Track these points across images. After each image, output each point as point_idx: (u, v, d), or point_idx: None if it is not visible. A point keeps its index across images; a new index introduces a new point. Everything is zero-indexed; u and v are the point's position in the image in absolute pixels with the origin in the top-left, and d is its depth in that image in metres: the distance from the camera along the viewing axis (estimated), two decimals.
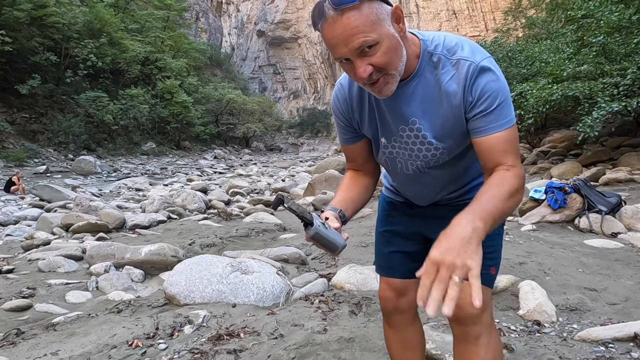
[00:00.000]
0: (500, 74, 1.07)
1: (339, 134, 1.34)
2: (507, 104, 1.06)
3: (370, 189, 1.34)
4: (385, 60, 0.99)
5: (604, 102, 7.48)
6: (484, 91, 1.04)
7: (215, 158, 32.40)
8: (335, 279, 3.01)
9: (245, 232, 5.13)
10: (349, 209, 1.23)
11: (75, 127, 24.20)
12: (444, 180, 1.27)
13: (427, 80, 1.10)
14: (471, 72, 1.05)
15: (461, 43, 1.09)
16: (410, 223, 1.40)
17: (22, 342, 2.28)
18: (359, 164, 1.34)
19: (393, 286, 1.42)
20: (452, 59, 1.07)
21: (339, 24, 0.95)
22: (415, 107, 1.12)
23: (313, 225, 1.07)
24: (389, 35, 0.98)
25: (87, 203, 7.16)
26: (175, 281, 2.80)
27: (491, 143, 1.07)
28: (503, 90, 1.06)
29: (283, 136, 61.45)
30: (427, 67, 1.09)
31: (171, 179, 16.84)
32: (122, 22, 31.78)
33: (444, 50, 1.08)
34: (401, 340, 1.45)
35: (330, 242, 1.10)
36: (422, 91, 1.11)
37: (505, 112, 1.06)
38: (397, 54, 1.01)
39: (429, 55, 1.09)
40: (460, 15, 62.38)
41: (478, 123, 1.07)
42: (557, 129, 12.84)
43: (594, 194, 4.37)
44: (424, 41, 1.10)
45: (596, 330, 2.13)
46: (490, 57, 1.08)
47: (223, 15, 79.50)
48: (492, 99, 1.04)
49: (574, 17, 10.23)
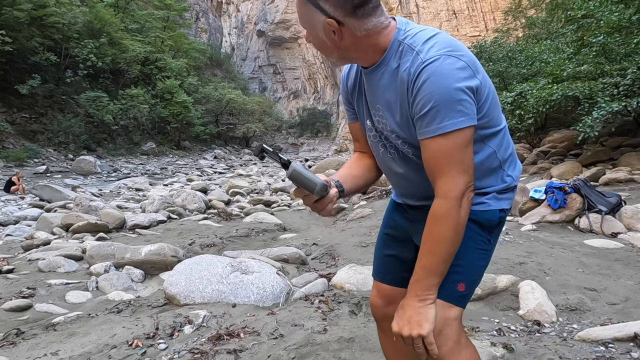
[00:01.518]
0: (449, 72, 0.97)
1: (345, 111, 1.36)
2: (446, 107, 0.97)
3: (374, 170, 1.34)
4: (314, 45, 1.11)
5: (604, 102, 7.48)
6: (421, 90, 0.99)
7: (215, 158, 32.39)
8: (335, 279, 3.01)
9: (245, 232, 5.13)
10: (347, 182, 1.23)
11: (75, 127, 24.20)
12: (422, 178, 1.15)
13: (390, 69, 1.09)
14: (416, 67, 1.00)
15: (431, 37, 1.03)
16: (406, 227, 1.36)
17: (22, 342, 2.28)
18: (364, 144, 1.34)
19: (382, 293, 1.40)
20: (413, 49, 1.03)
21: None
22: (379, 95, 1.14)
23: (290, 164, 1.09)
24: (317, 37, 1.09)
25: (87, 203, 7.16)
26: (175, 281, 2.80)
27: (424, 150, 1.04)
28: (442, 92, 0.97)
29: (283, 136, 61.40)
30: (393, 56, 1.08)
31: (171, 179, 16.84)
32: (122, 22, 31.76)
33: (411, 40, 1.05)
34: (394, 347, 1.43)
35: (308, 180, 1.10)
36: (386, 79, 1.10)
37: (440, 116, 0.98)
38: (323, 50, 1.12)
39: (397, 44, 1.07)
40: (460, 15, 62.36)
41: (416, 124, 1.05)
42: (557, 129, 12.83)
43: (594, 194, 4.37)
44: (399, 30, 1.08)
45: (596, 330, 2.13)
46: (450, 53, 0.99)
47: (223, 15, 79.48)
48: (425, 100, 0.99)
49: (574, 17, 10.24)
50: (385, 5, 24.22)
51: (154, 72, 33.41)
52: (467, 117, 1.00)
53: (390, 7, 64.90)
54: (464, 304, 1.15)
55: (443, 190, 1.03)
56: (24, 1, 21.96)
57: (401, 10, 64.33)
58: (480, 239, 1.17)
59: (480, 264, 1.19)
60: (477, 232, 1.16)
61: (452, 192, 1.02)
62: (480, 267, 1.19)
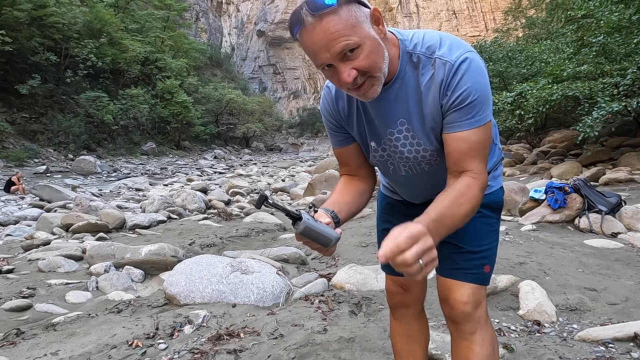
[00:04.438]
0: (478, 69, 1.04)
1: (330, 136, 1.31)
2: (482, 102, 1.04)
3: (365, 194, 1.30)
4: (368, 62, 0.98)
5: (604, 102, 7.48)
6: (458, 87, 1.03)
7: (215, 158, 32.39)
8: (335, 279, 3.01)
9: (245, 232, 5.13)
10: (342, 212, 1.16)
11: (75, 127, 24.21)
12: (437, 180, 1.24)
13: (408, 81, 1.09)
14: (447, 71, 1.04)
15: (440, 39, 1.07)
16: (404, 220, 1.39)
17: (22, 342, 2.28)
18: (353, 168, 1.31)
19: (397, 282, 1.43)
20: (431, 57, 1.06)
21: (318, 30, 0.94)
22: (401, 109, 1.12)
23: (302, 219, 0.98)
24: (370, 37, 0.98)
25: (87, 203, 7.16)
26: (175, 281, 2.80)
27: (458, 141, 1.07)
28: (478, 87, 1.03)
29: (283, 136, 61.44)
30: (407, 67, 1.09)
31: (171, 179, 16.84)
32: (122, 22, 31.79)
33: (423, 48, 1.07)
34: (406, 334, 1.47)
35: (322, 235, 1.00)
36: (404, 93, 1.10)
37: (477, 110, 1.04)
38: (379, 55, 1.00)
39: (408, 56, 1.08)
40: (460, 15, 62.37)
41: (448, 119, 1.07)
42: (557, 129, 12.84)
43: (594, 194, 4.37)
44: (403, 41, 1.08)
45: (596, 330, 2.13)
46: (471, 52, 1.05)
47: (223, 15, 79.49)
48: (464, 95, 1.03)
49: (574, 17, 10.25)
50: (385, 5, 24.30)
51: (154, 72, 33.43)
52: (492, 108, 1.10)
53: (391, 7, 64.88)
54: (489, 282, 1.28)
55: (474, 172, 1.06)
56: (24, 1, 21.96)
57: (401, 10, 64.31)
58: (492, 221, 1.29)
59: (496, 244, 1.30)
60: (490, 215, 1.27)
61: (482, 175, 1.07)
62: (496, 247, 1.30)
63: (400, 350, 1.48)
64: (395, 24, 62.12)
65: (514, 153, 12.20)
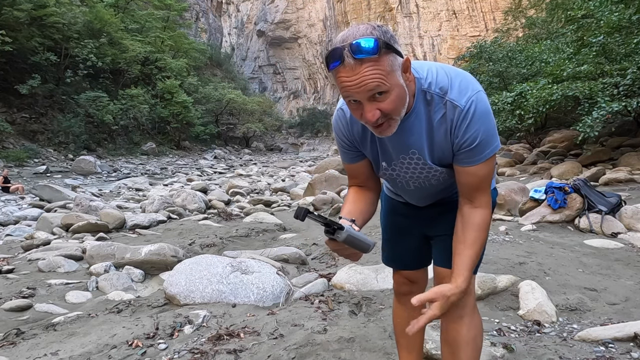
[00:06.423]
0: (485, 111, 1.15)
1: (342, 154, 1.39)
2: (489, 140, 1.16)
3: (375, 204, 1.40)
4: (393, 107, 1.07)
5: (604, 102, 7.48)
6: (467, 130, 1.15)
7: (215, 158, 32.37)
8: (335, 279, 3.01)
9: (245, 232, 5.13)
10: (358, 220, 1.27)
11: (75, 127, 24.18)
12: (444, 188, 1.37)
13: (421, 116, 1.19)
14: (457, 114, 1.14)
15: (451, 81, 1.16)
16: (412, 223, 1.51)
17: (22, 342, 2.28)
18: (362, 181, 1.40)
19: (405, 275, 1.58)
20: (443, 97, 1.16)
21: (357, 72, 1.01)
22: (413, 140, 1.22)
23: (344, 229, 1.10)
24: (399, 85, 1.07)
25: (87, 203, 7.17)
26: (175, 281, 2.80)
27: (468, 175, 1.22)
28: (484, 129, 1.15)
29: (283, 136, 61.41)
30: (421, 104, 1.18)
31: (171, 179, 16.84)
32: (122, 22, 31.74)
33: (437, 88, 1.16)
34: (408, 318, 1.51)
35: (362, 243, 1.14)
36: (418, 126, 1.20)
37: (485, 148, 1.17)
38: (402, 102, 1.10)
39: (423, 94, 1.17)
40: (460, 15, 62.36)
41: (459, 157, 1.21)
42: (557, 129, 12.85)
43: (594, 194, 4.37)
44: (419, 79, 1.17)
45: (596, 330, 2.13)
46: (478, 93, 1.14)
47: (223, 15, 79.47)
48: (473, 138, 1.15)
49: (574, 17, 10.26)
50: (385, 5, 24.28)
51: (154, 72, 33.39)
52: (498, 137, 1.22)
53: (391, 7, 64.87)
54: (477, 271, 1.40)
55: (483, 203, 1.24)
56: (24, 1, 21.93)
57: (401, 10, 64.28)
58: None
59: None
60: None
61: (489, 203, 1.26)
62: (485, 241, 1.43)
63: (401, 334, 1.60)
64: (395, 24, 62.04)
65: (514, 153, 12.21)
